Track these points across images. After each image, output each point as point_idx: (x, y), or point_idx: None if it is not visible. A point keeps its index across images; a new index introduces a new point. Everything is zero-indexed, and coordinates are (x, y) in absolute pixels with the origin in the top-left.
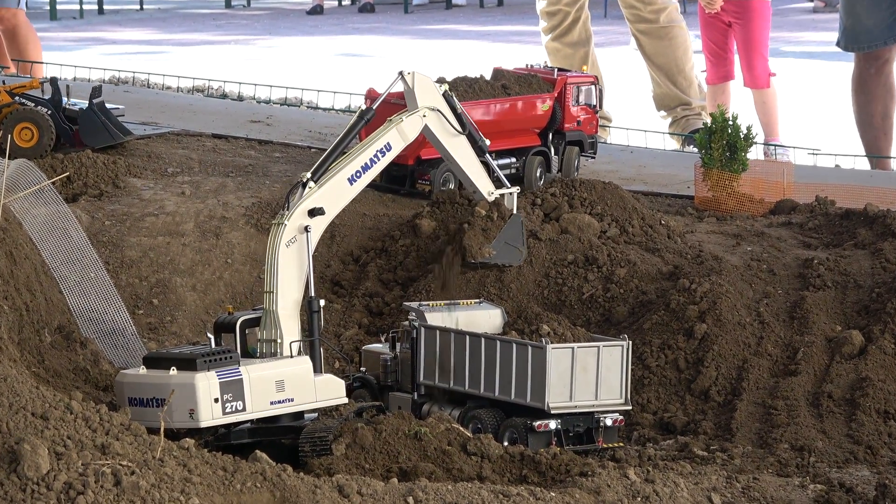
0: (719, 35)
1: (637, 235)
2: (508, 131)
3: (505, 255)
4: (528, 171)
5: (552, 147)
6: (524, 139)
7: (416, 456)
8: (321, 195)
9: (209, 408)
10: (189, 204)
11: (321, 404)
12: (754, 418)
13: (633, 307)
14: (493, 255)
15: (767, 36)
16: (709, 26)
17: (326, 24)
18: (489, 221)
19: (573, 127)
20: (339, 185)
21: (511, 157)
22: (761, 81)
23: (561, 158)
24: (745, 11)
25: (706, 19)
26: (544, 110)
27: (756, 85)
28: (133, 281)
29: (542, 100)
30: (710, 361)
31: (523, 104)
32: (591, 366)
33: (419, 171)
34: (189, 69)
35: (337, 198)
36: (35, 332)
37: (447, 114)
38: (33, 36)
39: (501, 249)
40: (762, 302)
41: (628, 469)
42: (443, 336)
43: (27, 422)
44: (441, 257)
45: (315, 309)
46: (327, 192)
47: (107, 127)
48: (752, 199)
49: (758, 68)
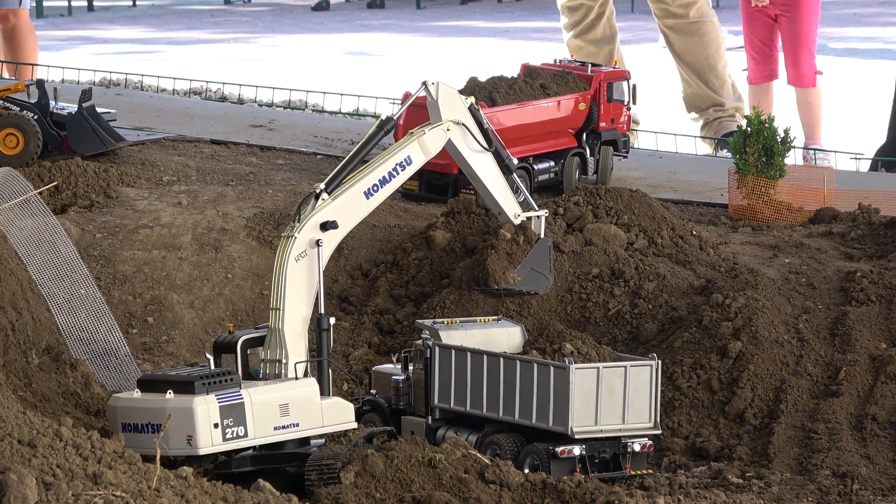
0: (764, 30)
1: (667, 247)
2: (547, 133)
3: (531, 281)
4: (567, 174)
5: (587, 148)
6: (562, 141)
7: (431, 484)
8: (335, 208)
9: (208, 434)
10: (186, 215)
11: (328, 429)
12: (793, 443)
13: (662, 324)
14: (517, 282)
15: (816, 31)
16: (753, 20)
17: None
18: (514, 245)
19: (607, 126)
20: (354, 198)
21: (550, 160)
22: (807, 80)
23: (597, 160)
24: (794, 4)
25: (750, 13)
26: (581, 110)
27: (801, 83)
28: (126, 298)
29: (581, 99)
30: (746, 382)
31: (563, 104)
32: (617, 387)
33: (463, 179)
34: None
35: (351, 211)
36: (21, 354)
37: (472, 129)
38: (32, 37)
39: (527, 276)
40: (801, 318)
41: (658, 498)
42: (459, 356)
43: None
44: (458, 275)
45: (324, 327)
46: (341, 205)
47: (97, 133)
48: (790, 207)
49: (804, 65)
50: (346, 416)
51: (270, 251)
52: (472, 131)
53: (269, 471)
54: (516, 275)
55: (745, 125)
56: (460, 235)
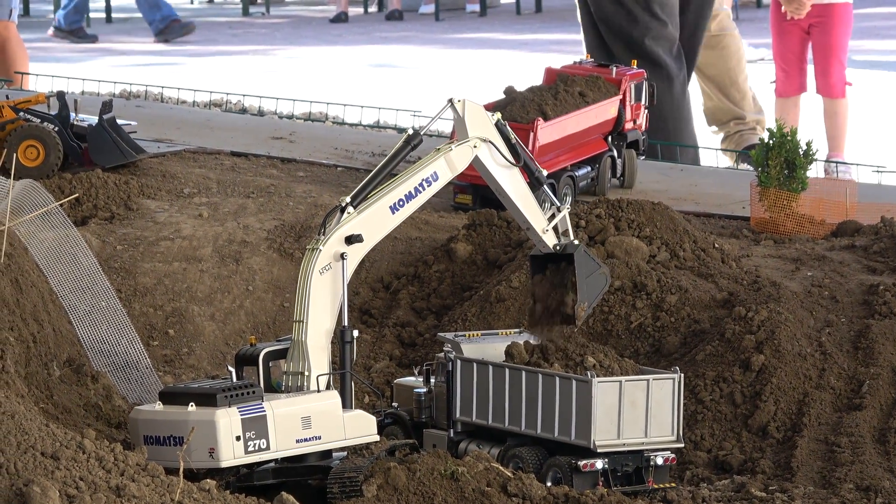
0: (797, 43)
1: (689, 260)
2: (588, 140)
3: (594, 289)
4: (602, 178)
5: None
6: (597, 145)
7: (453, 497)
8: (360, 222)
9: (230, 446)
10: (207, 227)
11: (351, 442)
12: (816, 456)
13: (684, 337)
14: (589, 304)
15: (847, 42)
16: (785, 33)
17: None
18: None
19: (631, 127)
20: (379, 212)
21: (587, 166)
22: (836, 90)
23: (623, 162)
24: (827, 14)
25: (782, 26)
26: (613, 114)
27: (831, 94)
28: (147, 310)
29: (615, 103)
30: (769, 395)
31: (602, 110)
32: (640, 400)
33: None
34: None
35: (377, 226)
36: (43, 366)
37: (499, 145)
38: (22, 50)
39: (588, 288)
40: (824, 331)
41: None
42: (480, 369)
43: (36, 462)
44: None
45: (347, 339)
46: (367, 219)
47: (118, 144)
48: (813, 220)
49: (834, 76)
50: (369, 429)
51: (291, 263)
52: (499, 147)
53: (291, 483)
54: (583, 303)
55: (768, 138)
56: (482, 248)
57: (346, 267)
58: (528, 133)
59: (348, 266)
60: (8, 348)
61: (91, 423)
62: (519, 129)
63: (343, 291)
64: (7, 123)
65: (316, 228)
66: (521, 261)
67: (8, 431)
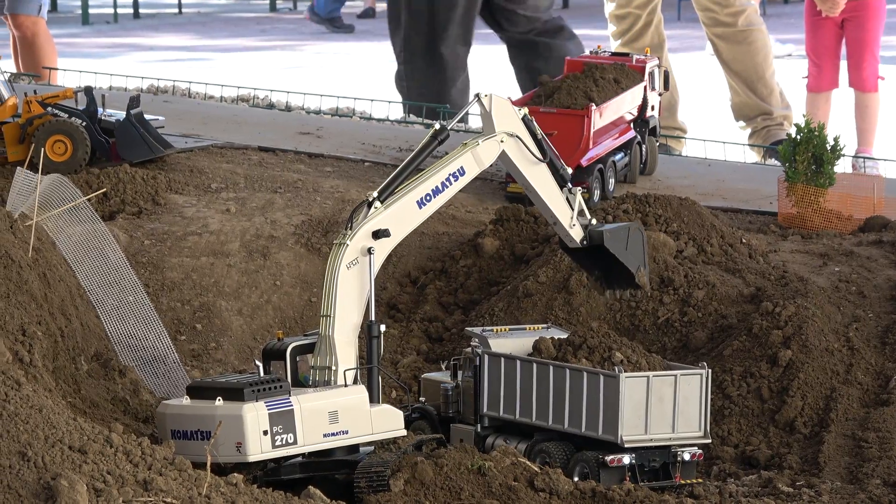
0: (830, 37)
1: (716, 255)
2: (623, 126)
3: (637, 250)
4: (634, 164)
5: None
6: (627, 131)
7: (480, 492)
8: (387, 216)
9: (258, 441)
10: (234, 222)
11: (378, 436)
12: (843, 452)
13: (712, 332)
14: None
15: (880, 36)
16: (818, 28)
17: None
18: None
19: (650, 113)
20: (406, 207)
21: (620, 152)
22: (869, 84)
23: (647, 149)
24: (861, 8)
25: (815, 21)
26: (640, 100)
27: (863, 87)
28: (175, 304)
29: (642, 89)
30: (796, 390)
31: (633, 96)
32: (667, 396)
33: (577, 179)
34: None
35: (404, 221)
36: (70, 360)
37: (526, 140)
38: (51, 45)
39: (633, 254)
40: (851, 326)
41: None
42: (508, 364)
43: (64, 456)
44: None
45: (375, 334)
46: (394, 213)
47: (145, 140)
48: (840, 215)
49: (867, 69)
50: (396, 424)
51: (319, 258)
52: (526, 143)
53: (318, 478)
54: (638, 270)
55: (795, 133)
56: (509, 243)
57: (372, 262)
58: (582, 119)
59: (375, 261)
60: (36, 342)
61: (118, 418)
62: (572, 115)
63: (370, 286)
64: (35, 118)
65: (343, 223)
66: (548, 256)
67: (36, 425)
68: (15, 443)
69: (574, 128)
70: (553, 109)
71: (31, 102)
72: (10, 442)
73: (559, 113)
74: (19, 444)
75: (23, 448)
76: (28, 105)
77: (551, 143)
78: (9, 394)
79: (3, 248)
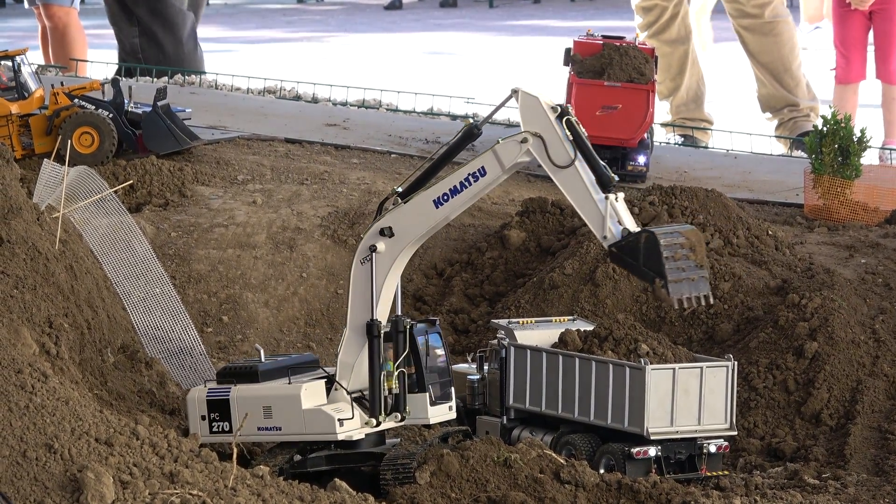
0: (858, 29)
1: (742, 247)
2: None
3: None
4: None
5: None
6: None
7: (506, 484)
8: (400, 214)
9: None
10: (261, 214)
11: (309, 437)
12: (869, 444)
13: (738, 324)
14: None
15: None
16: (847, 20)
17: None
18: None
19: None
20: (422, 205)
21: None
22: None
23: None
24: (890, 0)
25: (843, 13)
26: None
27: (890, 79)
28: (201, 296)
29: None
30: (822, 382)
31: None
32: (693, 388)
33: (632, 154)
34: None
35: (420, 219)
36: (97, 352)
37: (553, 141)
38: (82, 37)
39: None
40: (878, 318)
41: (734, 498)
42: (534, 356)
43: (90, 448)
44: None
45: (375, 334)
46: (408, 211)
47: (172, 131)
48: (867, 207)
49: (894, 62)
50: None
51: (345, 250)
52: (552, 145)
53: (344, 470)
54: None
55: (822, 125)
56: (535, 235)
57: (375, 260)
58: (647, 93)
59: (380, 259)
60: (63, 334)
61: (145, 410)
62: (638, 90)
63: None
64: (62, 110)
65: (370, 215)
66: (574, 248)
67: (62, 417)
68: (41, 435)
69: (639, 102)
70: (618, 84)
71: (59, 94)
72: (37, 434)
73: (624, 87)
74: (46, 436)
75: (49, 440)
76: (55, 97)
77: (615, 117)
78: (35, 386)
79: (30, 239)
